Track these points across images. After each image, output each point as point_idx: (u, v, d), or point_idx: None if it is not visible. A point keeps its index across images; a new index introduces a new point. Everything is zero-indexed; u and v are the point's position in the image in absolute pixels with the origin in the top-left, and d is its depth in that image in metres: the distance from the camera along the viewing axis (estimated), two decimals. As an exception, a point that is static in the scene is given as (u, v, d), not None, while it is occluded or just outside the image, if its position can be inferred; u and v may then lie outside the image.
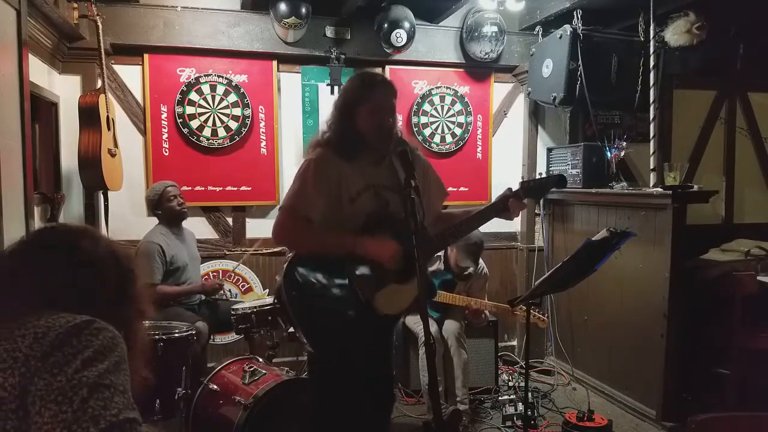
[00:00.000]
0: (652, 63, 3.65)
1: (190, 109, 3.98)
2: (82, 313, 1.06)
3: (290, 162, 4.25)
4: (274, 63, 4.12)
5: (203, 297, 3.64)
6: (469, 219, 2.24)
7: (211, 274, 4.05)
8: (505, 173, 4.63)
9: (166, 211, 3.55)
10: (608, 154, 3.84)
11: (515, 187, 2.25)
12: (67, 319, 1.03)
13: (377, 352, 2.28)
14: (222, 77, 4.02)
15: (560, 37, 3.87)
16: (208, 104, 4.01)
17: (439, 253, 3.52)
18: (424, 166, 2.33)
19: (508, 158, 4.67)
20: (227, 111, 4.04)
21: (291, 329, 3.12)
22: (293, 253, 2.16)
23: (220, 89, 4.02)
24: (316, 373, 2.31)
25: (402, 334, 3.76)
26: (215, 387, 2.86)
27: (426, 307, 1.90)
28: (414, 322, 3.60)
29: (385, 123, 2.14)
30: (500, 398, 3.60)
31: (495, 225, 2.60)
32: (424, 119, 4.45)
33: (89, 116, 3.37)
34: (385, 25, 4.01)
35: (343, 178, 2.11)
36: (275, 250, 3.66)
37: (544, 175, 4.27)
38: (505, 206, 2.20)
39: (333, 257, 2.10)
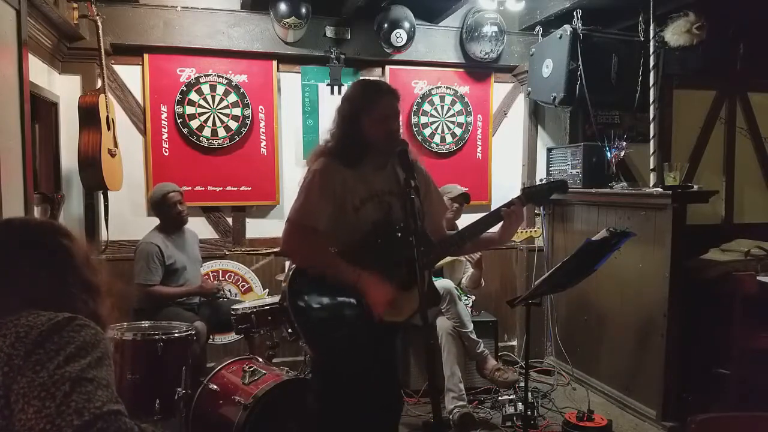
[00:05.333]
0: (652, 63, 3.65)
1: (190, 109, 3.98)
2: (59, 310, 1.06)
3: (290, 162, 4.25)
4: (274, 63, 4.12)
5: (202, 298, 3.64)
6: (470, 226, 2.27)
7: (211, 275, 4.05)
8: (505, 173, 4.64)
9: (164, 216, 3.55)
10: (608, 154, 3.84)
11: (517, 188, 2.26)
12: (49, 317, 1.03)
13: (382, 358, 2.28)
14: (222, 77, 4.02)
15: (560, 37, 3.87)
16: (208, 104, 4.01)
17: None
18: (426, 177, 2.32)
19: (508, 158, 4.67)
20: (227, 111, 4.04)
21: (286, 333, 3.12)
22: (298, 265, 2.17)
23: (220, 89, 4.02)
24: (319, 379, 2.30)
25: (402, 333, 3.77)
26: (215, 387, 2.86)
27: (426, 310, 1.90)
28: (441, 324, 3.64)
29: (393, 129, 2.15)
30: (500, 398, 3.60)
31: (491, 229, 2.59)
32: (424, 119, 4.45)
33: (89, 116, 3.37)
34: (385, 25, 4.01)
35: (347, 187, 2.11)
36: (275, 250, 3.66)
37: (546, 181, 4.28)
38: (506, 214, 2.22)
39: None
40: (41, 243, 1.16)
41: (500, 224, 2.27)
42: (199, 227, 3.98)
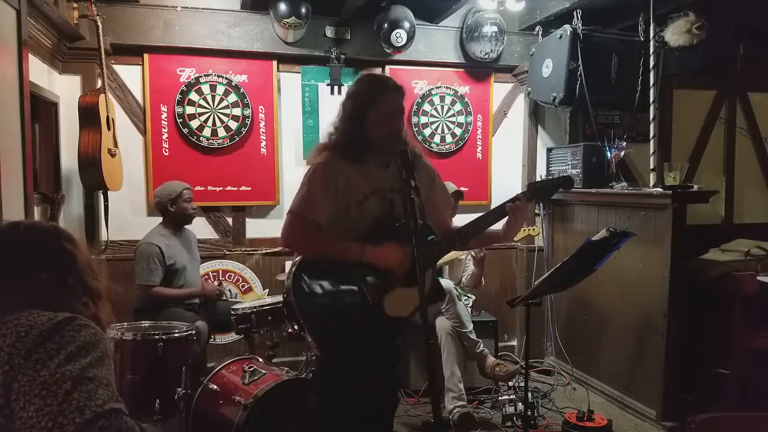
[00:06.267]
0: (652, 63, 3.65)
1: (190, 109, 3.98)
2: (59, 311, 1.06)
3: (290, 162, 4.25)
4: (274, 63, 4.12)
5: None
6: (475, 221, 2.26)
7: (210, 275, 4.05)
8: (505, 173, 4.64)
9: (178, 211, 3.52)
10: (608, 154, 3.84)
11: (518, 188, 2.26)
12: (49, 317, 1.04)
13: (384, 355, 2.28)
14: (222, 77, 4.02)
15: (560, 37, 3.87)
16: (208, 104, 4.01)
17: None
18: (430, 172, 2.32)
19: (508, 158, 4.67)
20: (227, 111, 4.04)
21: (291, 329, 3.12)
22: (301, 256, 2.17)
23: (220, 89, 4.02)
24: (320, 374, 2.30)
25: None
26: (215, 387, 2.86)
27: (427, 308, 1.90)
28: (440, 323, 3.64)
29: (398, 126, 2.15)
30: (500, 398, 3.60)
31: (495, 225, 2.59)
32: (424, 119, 4.45)
33: (89, 116, 3.37)
34: (385, 25, 4.01)
35: (350, 182, 2.10)
36: (275, 250, 3.65)
37: (551, 177, 4.27)
38: (510, 209, 2.21)
39: (340, 262, 2.11)
40: (45, 246, 1.18)
41: (505, 220, 2.27)
42: (199, 227, 3.97)
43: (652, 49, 3.65)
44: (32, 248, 1.16)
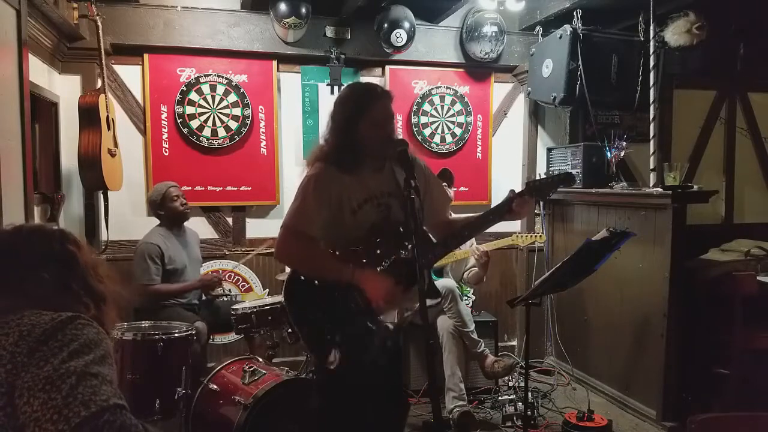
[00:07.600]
0: (652, 63, 3.65)
1: (190, 109, 3.98)
2: (59, 310, 1.07)
3: (290, 162, 4.25)
4: (274, 63, 4.12)
5: (203, 296, 3.64)
6: (472, 223, 2.24)
7: (211, 275, 4.04)
8: (505, 173, 4.64)
9: (168, 211, 3.54)
10: (608, 154, 3.84)
11: (518, 188, 2.23)
12: (52, 316, 1.05)
13: (384, 360, 2.27)
14: (222, 77, 4.02)
15: (560, 37, 3.87)
16: (208, 104, 4.01)
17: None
18: (425, 171, 2.31)
19: (508, 158, 4.67)
20: (227, 111, 4.04)
21: (288, 336, 3.12)
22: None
23: (220, 89, 4.02)
24: (321, 381, 2.29)
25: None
26: (215, 387, 2.86)
27: (426, 309, 1.90)
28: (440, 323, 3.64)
29: (389, 132, 2.14)
30: (500, 398, 3.60)
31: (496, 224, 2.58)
32: (424, 119, 4.45)
33: (89, 116, 3.37)
34: (385, 25, 4.01)
35: (344, 192, 2.10)
36: (271, 250, 3.65)
37: (550, 174, 4.26)
38: (509, 208, 2.17)
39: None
40: (48, 248, 1.18)
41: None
42: (199, 227, 3.98)
43: (652, 49, 3.65)
44: (35, 250, 1.17)
